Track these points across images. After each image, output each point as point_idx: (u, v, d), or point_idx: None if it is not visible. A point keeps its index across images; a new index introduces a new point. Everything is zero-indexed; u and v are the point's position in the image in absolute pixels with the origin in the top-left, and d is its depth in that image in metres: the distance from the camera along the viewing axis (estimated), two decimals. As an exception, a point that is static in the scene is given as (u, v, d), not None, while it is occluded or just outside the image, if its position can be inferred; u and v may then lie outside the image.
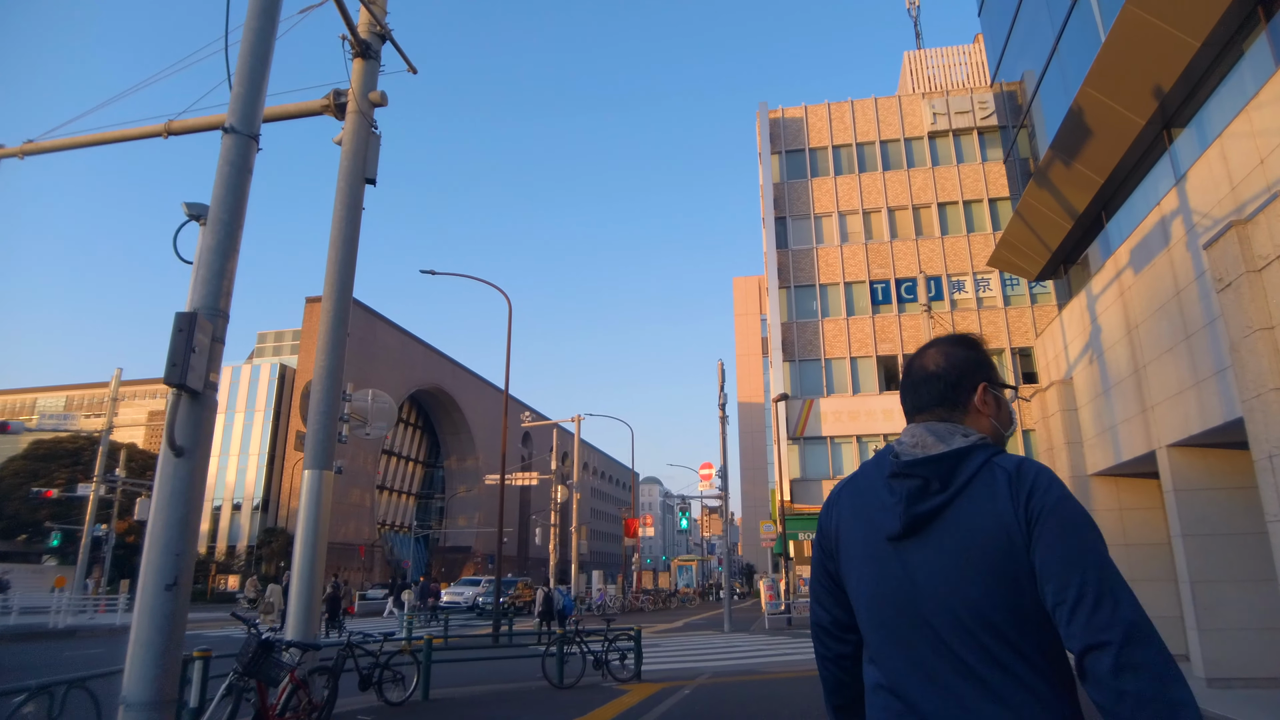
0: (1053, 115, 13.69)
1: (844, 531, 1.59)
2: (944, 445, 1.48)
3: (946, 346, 1.66)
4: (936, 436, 1.51)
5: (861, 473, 1.63)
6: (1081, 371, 14.37)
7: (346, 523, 66.45)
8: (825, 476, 31.45)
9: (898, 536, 1.47)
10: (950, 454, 1.46)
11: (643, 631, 13.34)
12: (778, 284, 34.05)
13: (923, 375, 1.63)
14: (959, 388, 1.59)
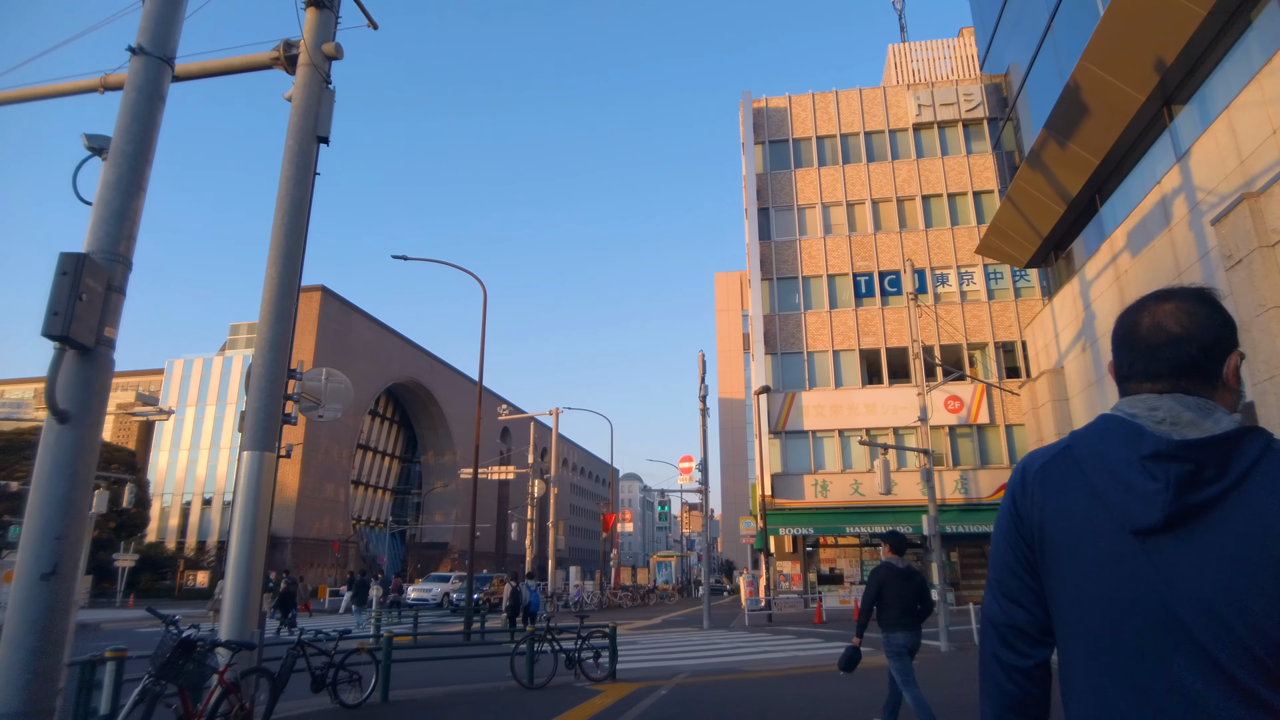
0: (1046, 96, 13.22)
1: (1056, 517, 1.34)
2: (1210, 424, 1.24)
3: (1190, 304, 1.35)
4: (1196, 413, 1.25)
5: (1086, 445, 1.34)
6: (1073, 360, 13.93)
7: (320, 518, 65.38)
8: (806, 471, 31.00)
9: (1154, 530, 1.22)
10: (1228, 435, 1.22)
11: (620, 629, 12.77)
12: (760, 276, 33.55)
13: (1165, 337, 1.34)
14: (1212, 355, 1.31)
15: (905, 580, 6.81)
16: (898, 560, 6.88)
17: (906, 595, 6.77)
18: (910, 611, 6.78)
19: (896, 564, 6.84)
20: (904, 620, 6.75)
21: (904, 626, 6.75)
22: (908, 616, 6.77)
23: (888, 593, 6.77)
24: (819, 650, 16.10)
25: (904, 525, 28.80)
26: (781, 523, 29.48)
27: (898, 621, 6.75)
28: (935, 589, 16.24)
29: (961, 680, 11.37)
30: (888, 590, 6.78)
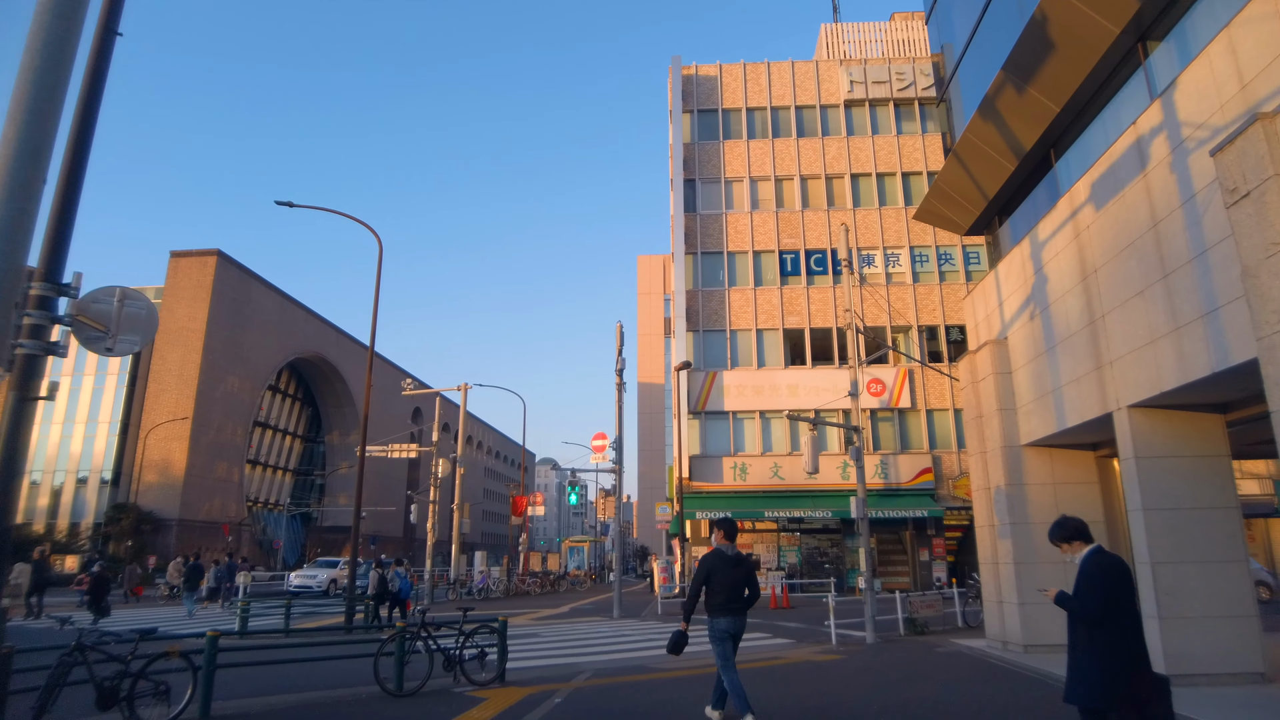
0: (1004, 36, 11.96)
1: None
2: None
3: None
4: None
5: None
6: (1019, 330, 12.83)
7: (211, 499, 61.07)
8: (726, 453, 29.80)
9: None
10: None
11: (523, 619, 11.07)
12: (684, 249, 32.09)
13: None
14: None
15: (734, 567, 6.81)
16: (728, 547, 6.92)
17: (734, 582, 6.78)
18: (736, 598, 6.80)
19: (726, 550, 6.88)
20: (729, 606, 6.77)
21: (728, 612, 6.77)
22: (734, 602, 6.78)
23: (716, 579, 6.77)
24: (737, 643, 14.73)
25: (824, 509, 28.01)
26: (699, 506, 28.18)
27: (722, 607, 6.77)
28: (863, 575, 15.06)
29: (898, 680, 10.07)
30: (716, 576, 6.77)
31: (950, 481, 29.38)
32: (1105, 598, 4.66)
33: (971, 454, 13.98)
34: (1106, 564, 4.84)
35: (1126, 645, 4.57)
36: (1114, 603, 4.66)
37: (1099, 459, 12.65)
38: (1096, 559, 4.89)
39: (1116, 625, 4.62)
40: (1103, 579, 4.74)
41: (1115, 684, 4.49)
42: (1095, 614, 4.67)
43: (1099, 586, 4.71)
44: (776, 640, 15.17)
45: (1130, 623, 4.66)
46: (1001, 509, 12.69)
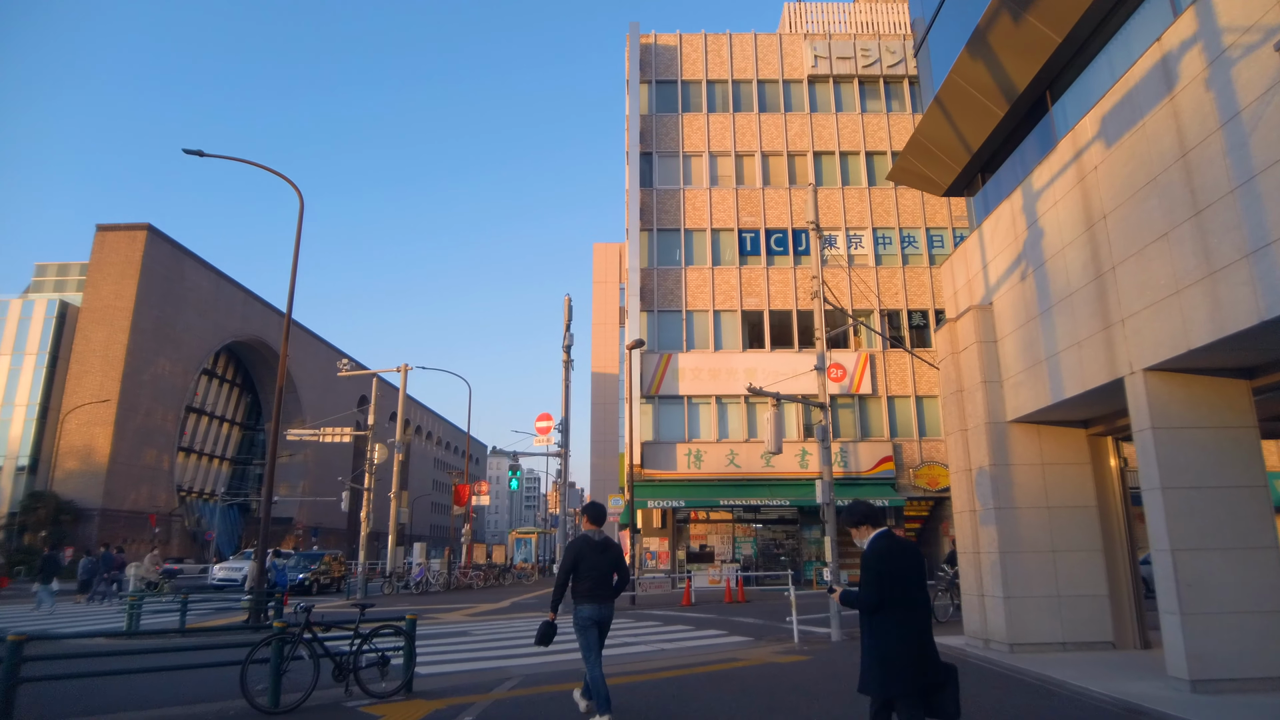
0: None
1: None
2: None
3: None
4: None
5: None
6: (1007, 294, 11.53)
7: (137, 488, 57.65)
8: (680, 439, 28.35)
9: None
10: None
11: (457, 614, 9.48)
12: (639, 225, 30.49)
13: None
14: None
15: (601, 552, 6.69)
16: (595, 532, 6.79)
17: (601, 568, 6.65)
18: (604, 585, 6.66)
19: (593, 536, 6.75)
20: (595, 593, 6.61)
21: (594, 599, 6.61)
22: (600, 589, 6.64)
23: (583, 565, 6.61)
24: (687, 641, 13.24)
25: (782, 498, 26.74)
26: (650, 495, 26.68)
27: (588, 594, 6.60)
28: (829, 567, 13.70)
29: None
30: (584, 563, 6.62)
31: (911, 471, 28.37)
32: (879, 583, 4.40)
33: (949, 433, 12.68)
34: (882, 548, 4.53)
35: (906, 632, 4.35)
36: (890, 588, 4.40)
37: (1091, 437, 11.43)
38: (874, 543, 4.57)
39: (895, 612, 4.39)
40: (876, 564, 4.46)
41: (897, 672, 4.28)
42: (870, 601, 4.41)
43: (872, 571, 4.46)
44: (733, 638, 13.73)
45: (909, 609, 4.42)
46: (984, 492, 11.40)
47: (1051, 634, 10.73)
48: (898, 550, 4.51)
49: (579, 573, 6.61)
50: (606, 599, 6.67)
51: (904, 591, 4.41)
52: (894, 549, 4.50)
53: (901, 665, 4.28)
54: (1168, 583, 7.89)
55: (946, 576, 16.47)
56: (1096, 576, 10.93)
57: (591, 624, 6.61)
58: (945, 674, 4.38)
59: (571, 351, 20.93)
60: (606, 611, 6.68)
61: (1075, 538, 11.02)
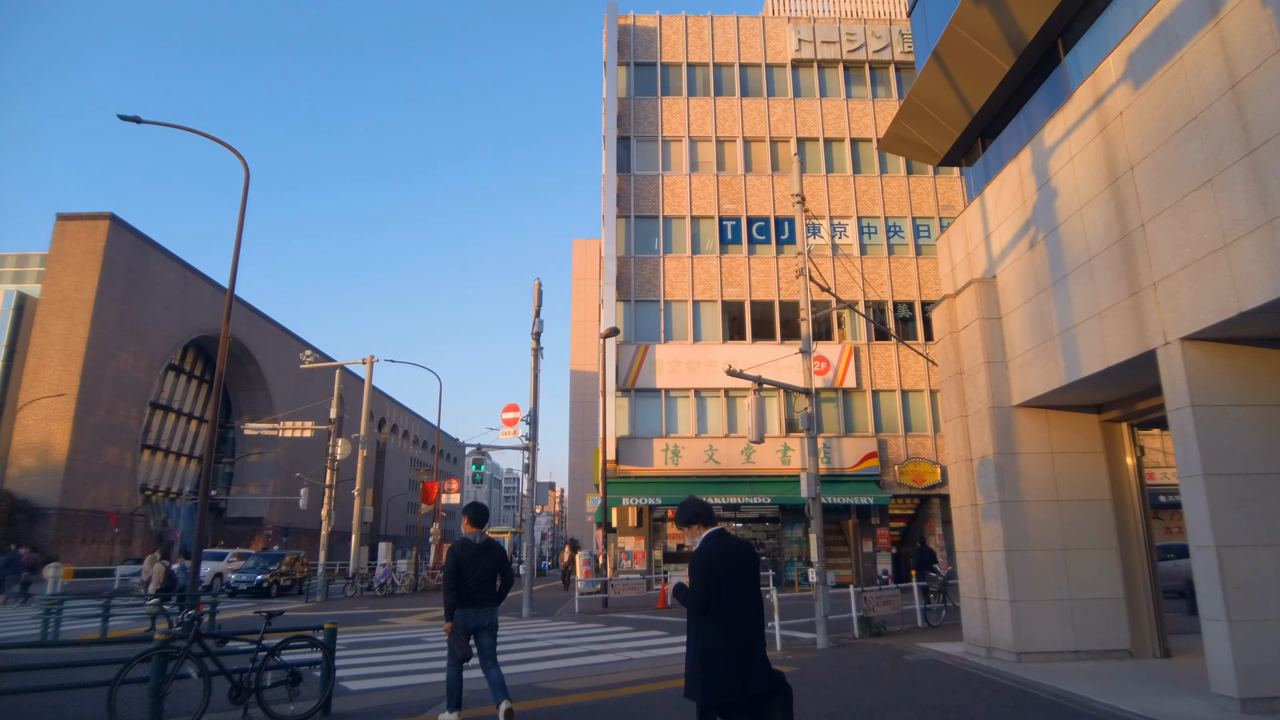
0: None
1: None
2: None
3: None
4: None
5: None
6: (1013, 265, 10.42)
7: (97, 486, 55.50)
8: (657, 434, 27.14)
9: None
10: None
11: (416, 618, 8.33)
12: (616, 212, 29.25)
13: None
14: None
15: (483, 554, 6.56)
16: (476, 535, 6.62)
17: (484, 570, 6.51)
18: (487, 588, 6.52)
19: (475, 539, 6.59)
20: (478, 597, 6.45)
21: (477, 603, 6.44)
22: (483, 593, 6.49)
23: (466, 570, 6.46)
24: (659, 649, 12.03)
25: (763, 495, 25.61)
26: (625, 492, 25.45)
27: (472, 598, 6.43)
28: (813, 567, 12.54)
29: (871, 705, 7.49)
30: (466, 567, 6.47)
31: (896, 468, 27.35)
32: (705, 586, 4.19)
33: (948, 419, 11.57)
34: (709, 548, 4.34)
35: (733, 638, 4.14)
36: (718, 591, 4.19)
37: (1104, 423, 10.35)
38: (704, 544, 4.39)
39: (723, 615, 4.18)
40: (703, 564, 4.26)
41: (719, 679, 4.07)
42: (697, 603, 4.21)
43: (699, 573, 4.26)
44: (709, 645, 12.53)
45: (739, 613, 4.21)
46: (988, 484, 10.29)
47: (1063, 641, 9.63)
48: (728, 551, 4.28)
49: (462, 577, 6.40)
50: (489, 603, 6.47)
51: (733, 595, 4.19)
52: (725, 550, 4.28)
53: (725, 672, 4.05)
54: (1212, 585, 6.79)
55: (938, 578, 15.39)
56: (1112, 577, 9.85)
57: (466, 631, 6.38)
58: (775, 684, 4.14)
59: (542, 340, 19.63)
60: (487, 617, 6.46)
61: (1088, 534, 9.94)
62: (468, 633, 6.41)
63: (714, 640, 4.10)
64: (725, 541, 4.35)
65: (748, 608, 4.21)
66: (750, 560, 4.34)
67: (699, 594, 4.14)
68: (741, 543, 4.41)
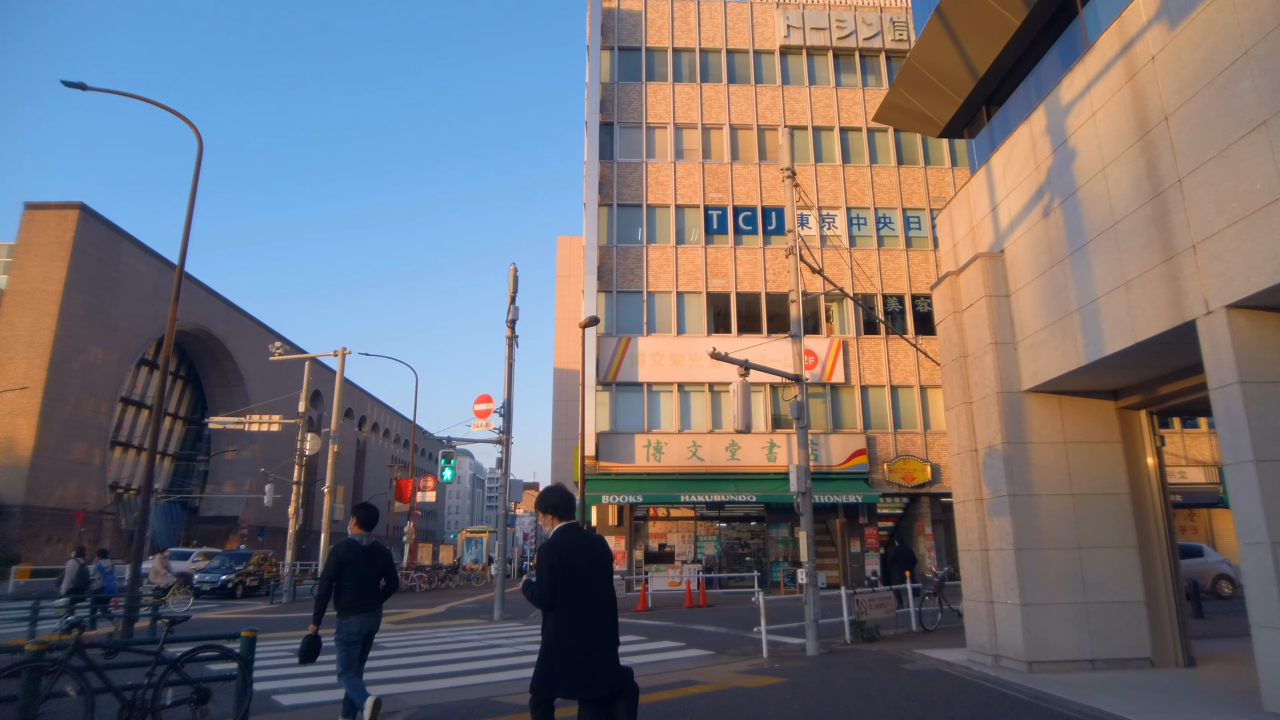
0: None
1: None
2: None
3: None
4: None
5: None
6: (1023, 238, 9.54)
7: (64, 483, 53.80)
8: (639, 430, 26.16)
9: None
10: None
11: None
12: (598, 200, 28.25)
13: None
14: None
15: (369, 559, 6.20)
16: (362, 536, 6.32)
17: (368, 575, 6.14)
18: (370, 593, 6.15)
19: (360, 541, 6.27)
20: (361, 602, 6.06)
21: (360, 610, 6.05)
22: (367, 598, 6.11)
23: (348, 573, 6.06)
24: (637, 656, 11.05)
25: (748, 493, 24.70)
26: (606, 489, 24.45)
27: (353, 604, 6.02)
28: (805, 567, 11.61)
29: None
30: (349, 570, 6.06)
31: (885, 465, 26.51)
32: (551, 580, 4.08)
33: (949, 407, 10.67)
34: (558, 542, 4.22)
35: (579, 633, 4.04)
36: (564, 586, 4.08)
37: (1121, 411, 9.49)
38: (554, 537, 4.27)
39: (570, 611, 4.06)
40: (549, 559, 4.14)
41: (563, 674, 3.95)
42: (541, 598, 4.09)
43: (544, 567, 4.13)
44: (691, 651, 11.58)
45: (587, 609, 4.10)
46: (995, 476, 9.39)
47: (1078, 649, 8.74)
48: (578, 546, 4.23)
49: (343, 581, 6.02)
50: (374, 608, 6.18)
51: (581, 591, 4.13)
52: (574, 545, 4.23)
53: (571, 667, 4.00)
54: (1266, 586, 5.90)
55: (935, 579, 14.51)
56: (1130, 578, 8.98)
57: (360, 638, 6.04)
58: (621, 683, 4.10)
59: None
60: (374, 622, 6.19)
61: (1105, 531, 9.06)
62: (362, 638, 6.07)
63: (559, 637, 4.01)
64: (576, 536, 4.26)
65: (596, 605, 4.13)
66: (601, 556, 4.29)
67: (543, 588, 4.06)
68: (594, 538, 4.34)
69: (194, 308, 68.29)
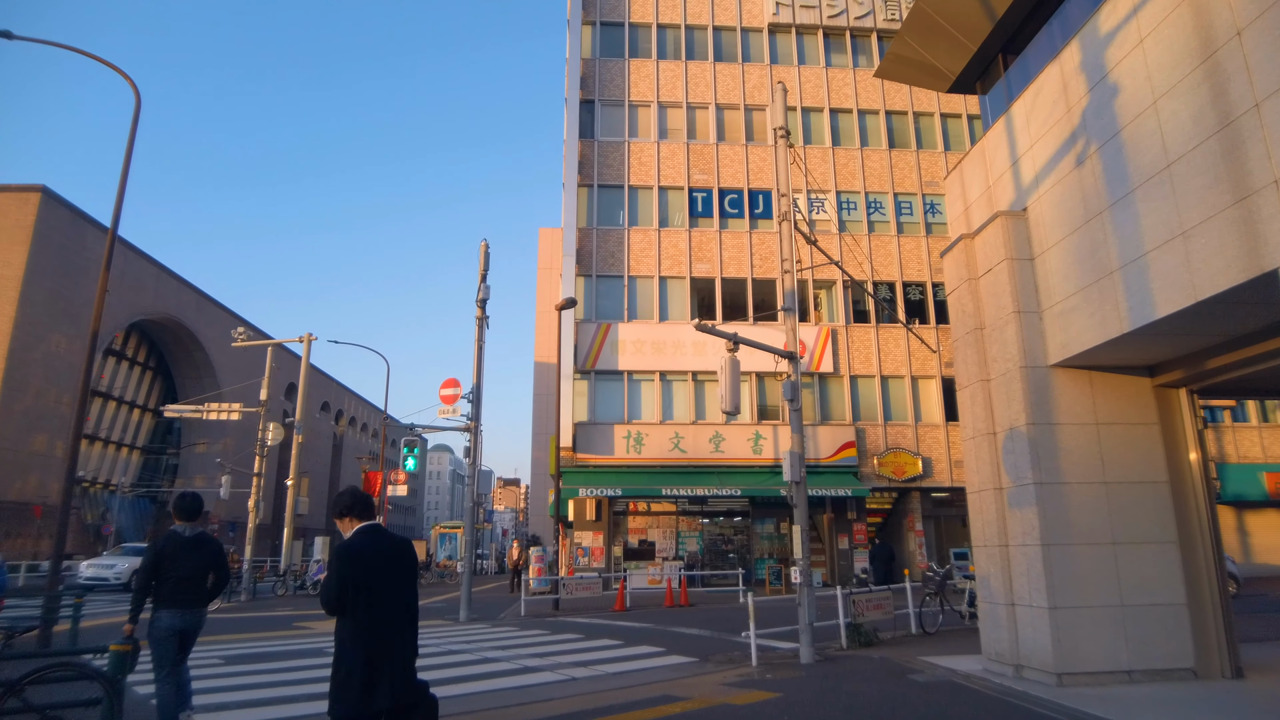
0: None
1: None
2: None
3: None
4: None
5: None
6: (1051, 191, 8.41)
7: (24, 476, 51.77)
8: (619, 420, 24.95)
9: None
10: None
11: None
12: (577, 180, 27.00)
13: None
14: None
15: (192, 550, 5.87)
16: (184, 528, 5.96)
17: (191, 569, 5.81)
18: (193, 588, 5.82)
19: (183, 532, 5.93)
20: (180, 597, 5.73)
21: (178, 604, 5.72)
22: (187, 594, 5.77)
23: (168, 565, 5.74)
24: (611, 663, 9.86)
25: (733, 487, 23.56)
26: (583, 482, 23.24)
27: (171, 598, 5.71)
28: (798, 564, 10.45)
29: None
30: (168, 563, 5.74)
31: (875, 459, 25.47)
32: (339, 585, 3.82)
33: (963, 386, 9.55)
34: (352, 544, 3.98)
35: (371, 644, 3.79)
36: (352, 591, 3.83)
37: (1158, 389, 8.40)
38: (350, 539, 4.01)
39: (363, 620, 3.81)
40: (339, 563, 3.89)
41: (350, 688, 3.71)
42: (327, 602, 3.86)
43: (333, 571, 3.88)
44: (672, 658, 10.39)
45: (382, 618, 3.86)
46: (1018, 462, 8.27)
47: (1113, 659, 7.65)
48: (377, 549, 3.98)
49: (162, 574, 5.71)
50: (197, 605, 5.82)
51: (374, 597, 3.86)
52: (372, 548, 3.97)
53: (355, 678, 3.71)
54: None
55: (935, 578, 13.43)
56: (1171, 577, 7.90)
57: (172, 634, 5.66)
58: (414, 698, 3.89)
59: (485, 305, 17.34)
60: (195, 619, 5.81)
61: (1142, 525, 7.98)
62: (175, 635, 5.65)
63: (348, 645, 3.80)
64: (375, 538, 4.05)
65: (392, 611, 3.93)
66: (403, 560, 4.08)
67: (330, 593, 3.84)
68: (397, 541, 4.13)
69: (164, 297, 66.27)
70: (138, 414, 71.55)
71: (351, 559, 3.87)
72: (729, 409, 10.53)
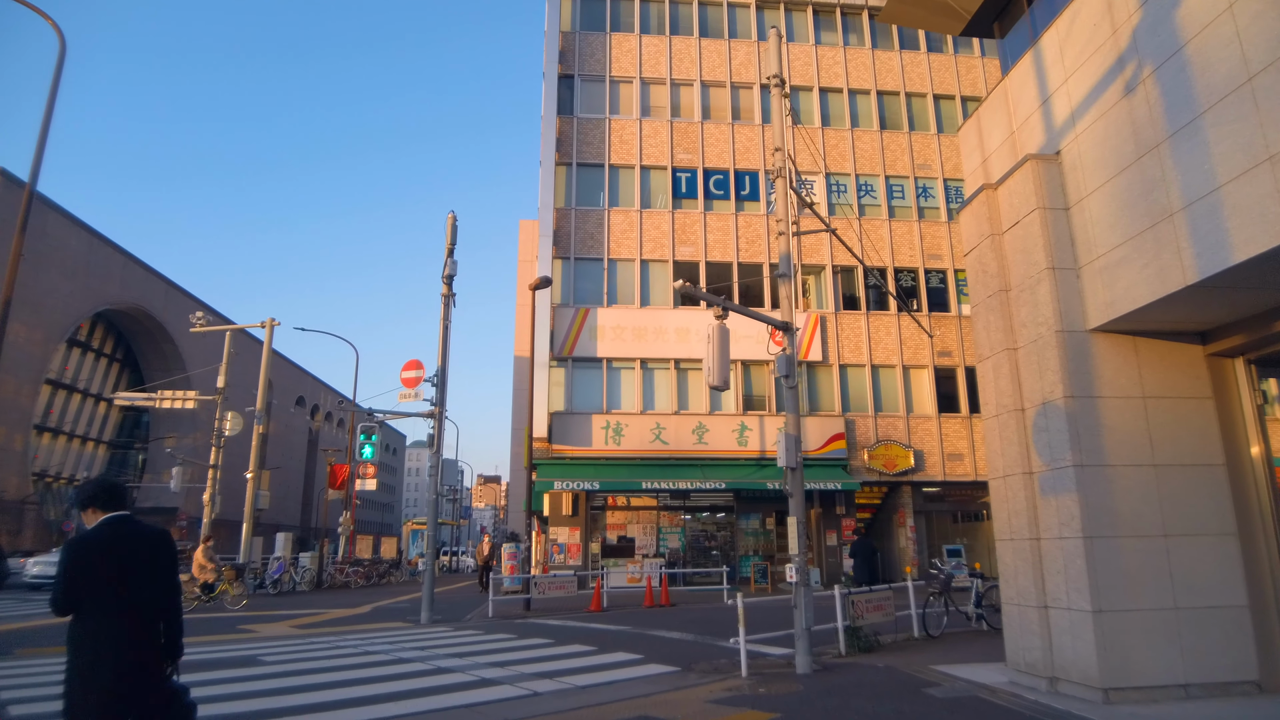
0: None
1: None
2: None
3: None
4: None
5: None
6: (1093, 128, 7.27)
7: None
8: (597, 410, 23.70)
9: None
10: None
11: (286, 624, 5.40)
12: (555, 158, 25.69)
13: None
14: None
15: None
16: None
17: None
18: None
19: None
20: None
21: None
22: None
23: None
24: (581, 675, 8.62)
25: (717, 480, 22.38)
26: (559, 475, 21.97)
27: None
28: (795, 561, 9.26)
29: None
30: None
31: (865, 451, 24.39)
32: (67, 582, 3.44)
33: (984, 357, 8.39)
34: (88, 536, 3.58)
35: (97, 649, 3.39)
36: (85, 589, 3.46)
37: (1211, 358, 7.29)
38: (90, 531, 3.61)
39: (101, 620, 3.44)
40: (68, 557, 3.48)
41: (81, 699, 3.33)
42: (54, 601, 3.47)
43: (61, 566, 3.49)
44: (650, 667, 9.17)
45: (112, 620, 3.44)
46: (1055, 441, 7.13)
47: (1168, 671, 6.52)
48: (116, 543, 3.55)
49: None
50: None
51: (111, 597, 3.47)
52: (110, 541, 3.55)
53: (91, 686, 3.34)
54: None
55: (940, 575, 12.31)
56: (1231, 576, 6.78)
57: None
58: (163, 702, 3.51)
59: (452, 283, 16.05)
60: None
61: (1196, 514, 6.86)
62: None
63: (85, 650, 3.41)
64: (118, 530, 3.61)
65: (135, 611, 3.52)
66: (151, 552, 3.63)
67: (57, 591, 3.45)
68: (145, 532, 3.68)
69: (131, 285, 64.22)
70: (104, 407, 69.40)
71: (84, 551, 3.48)
72: (716, 383, 9.33)
